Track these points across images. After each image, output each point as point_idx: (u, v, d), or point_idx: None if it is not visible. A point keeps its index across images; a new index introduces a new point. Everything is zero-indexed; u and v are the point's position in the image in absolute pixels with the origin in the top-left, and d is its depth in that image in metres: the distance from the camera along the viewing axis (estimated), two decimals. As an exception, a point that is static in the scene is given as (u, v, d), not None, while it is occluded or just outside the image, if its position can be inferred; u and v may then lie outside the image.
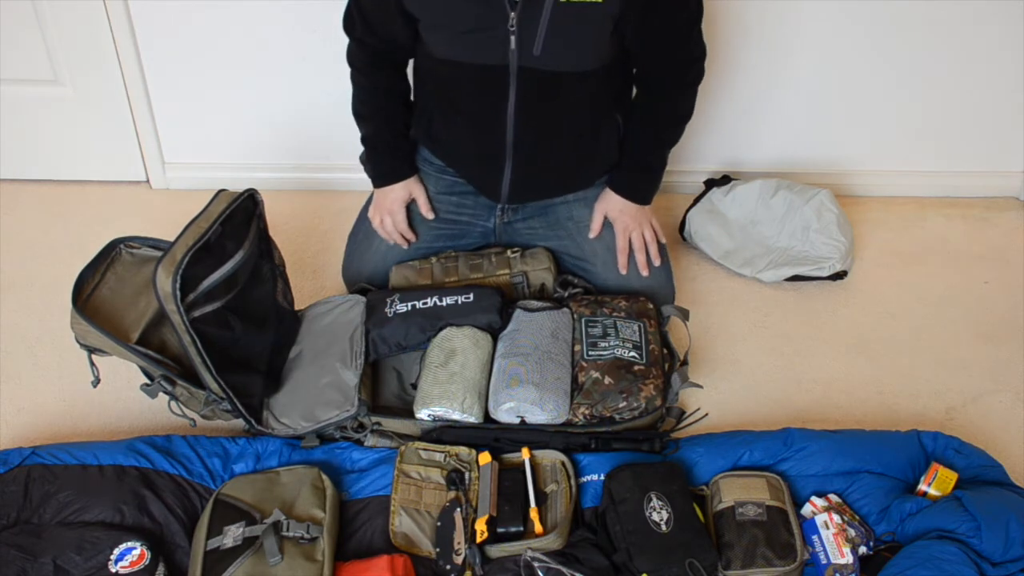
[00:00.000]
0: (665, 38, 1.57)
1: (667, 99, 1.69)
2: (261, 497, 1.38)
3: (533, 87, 1.55)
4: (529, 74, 1.53)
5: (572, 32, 1.48)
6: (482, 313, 1.63)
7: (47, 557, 1.30)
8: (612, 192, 1.76)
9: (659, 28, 1.54)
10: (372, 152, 1.76)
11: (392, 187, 1.76)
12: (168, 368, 1.46)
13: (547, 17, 1.46)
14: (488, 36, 1.49)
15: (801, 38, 2.02)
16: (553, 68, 1.52)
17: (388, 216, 1.77)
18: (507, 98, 1.57)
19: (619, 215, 1.75)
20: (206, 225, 1.41)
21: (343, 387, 1.57)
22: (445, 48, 1.56)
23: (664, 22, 1.53)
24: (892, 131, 2.20)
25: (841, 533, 1.37)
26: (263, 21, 1.95)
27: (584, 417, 1.53)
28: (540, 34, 1.47)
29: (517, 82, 1.54)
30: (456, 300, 1.64)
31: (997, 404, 1.75)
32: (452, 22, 1.50)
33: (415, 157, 1.80)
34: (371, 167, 1.78)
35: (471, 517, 1.40)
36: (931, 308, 1.97)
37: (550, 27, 1.47)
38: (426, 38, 1.57)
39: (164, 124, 2.13)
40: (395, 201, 1.77)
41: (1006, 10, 1.99)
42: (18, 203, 2.13)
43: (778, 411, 1.71)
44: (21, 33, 1.95)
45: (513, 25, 1.47)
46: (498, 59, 1.52)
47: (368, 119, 1.73)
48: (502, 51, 1.50)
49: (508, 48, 1.50)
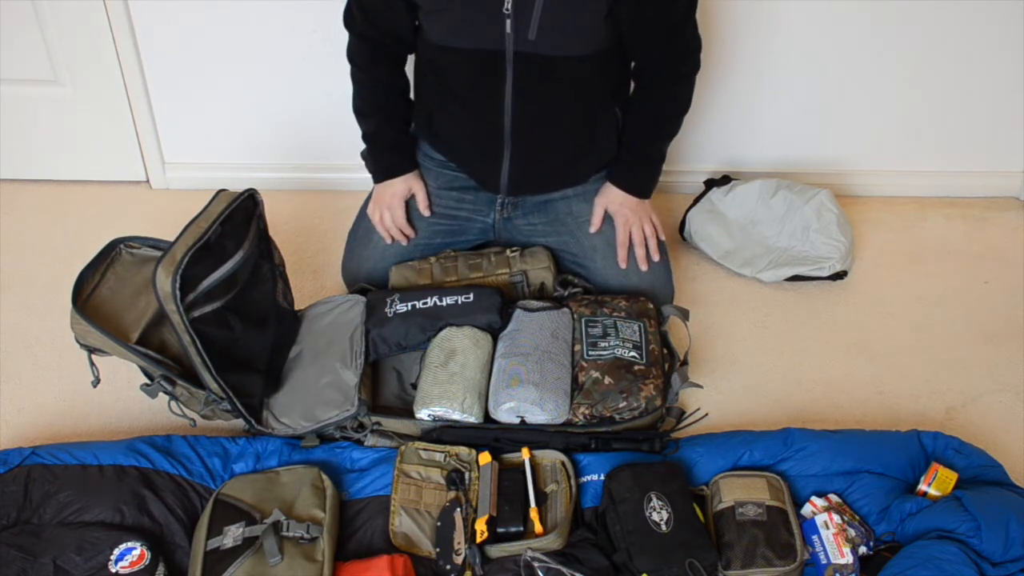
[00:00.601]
0: (660, 27, 1.58)
1: (664, 91, 1.71)
2: (261, 497, 1.38)
3: (529, 72, 1.56)
4: (525, 59, 1.54)
5: (566, 15, 1.50)
6: (482, 313, 1.63)
7: (47, 557, 1.30)
8: (612, 186, 1.77)
9: (653, 17, 1.55)
10: (373, 148, 1.77)
11: (392, 182, 1.77)
12: (168, 368, 1.46)
13: (542, 1, 1.47)
14: (484, 19, 1.51)
15: (801, 38, 2.02)
16: (548, 52, 1.54)
17: (387, 211, 1.77)
18: (504, 84, 1.58)
19: (619, 208, 1.76)
20: (206, 225, 1.41)
21: (343, 387, 1.57)
22: (443, 34, 1.57)
23: (658, 10, 1.55)
24: (892, 131, 2.20)
25: (841, 533, 1.37)
26: (263, 21, 1.95)
27: (584, 417, 1.53)
28: (535, 18, 1.49)
29: (514, 67, 1.56)
30: (456, 300, 1.64)
31: (997, 404, 1.75)
32: (451, 4, 1.52)
33: (415, 152, 1.81)
34: (371, 162, 1.79)
35: (471, 517, 1.40)
36: (931, 308, 1.97)
37: (544, 10, 1.48)
38: (425, 24, 1.59)
39: (164, 124, 2.13)
40: (394, 196, 1.77)
41: (1006, 10, 1.99)
42: (18, 203, 2.13)
43: (778, 411, 1.71)
44: (21, 33, 1.95)
45: (508, 8, 1.48)
46: (494, 44, 1.53)
47: (369, 115, 1.75)
48: (498, 35, 1.52)
49: (504, 32, 1.51)
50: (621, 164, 1.77)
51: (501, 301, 1.66)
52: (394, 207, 1.77)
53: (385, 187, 1.78)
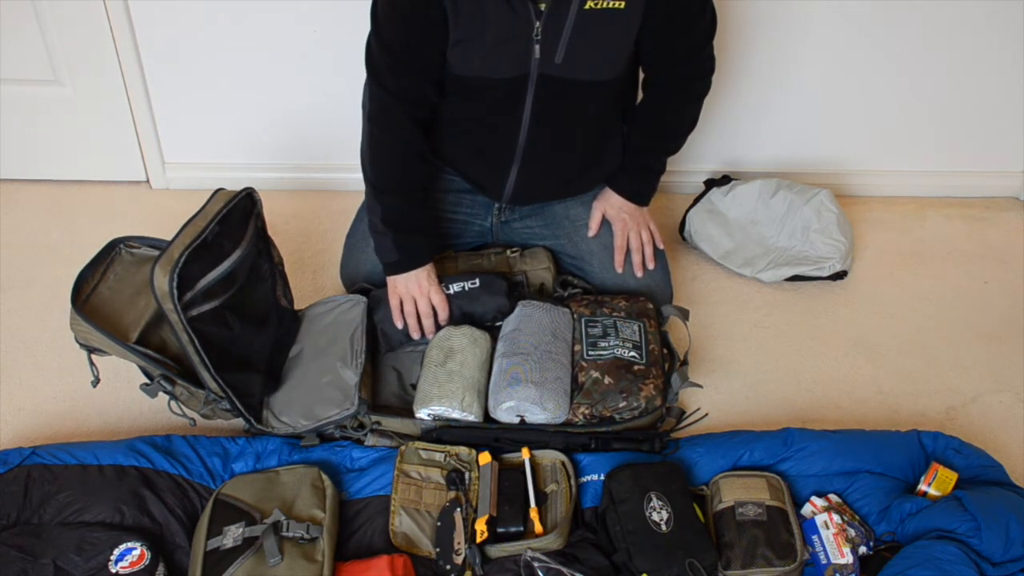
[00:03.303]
0: (680, 49, 1.58)
1: (675, 109, 1.71)
2: (261, 497, 1.38)
3: (549, 95, 1.55)
4: (548, 82, 1.52)
5: (595, 39, 1.48)
6: (490, 297, 1.61)
7: (47, 558, 1.30)
8: (611, 191, 1.77)
9: (675, 40, 1.55)
10: (395, 234, 1.60)
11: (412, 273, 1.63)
12: (167, 367, 1.46)
13: (571, 24, 1.45)
14: (514, 45, 1.48)
15: (801, 38, 2.02)
16: (572, 76, 1.52)
17: (422, 298, 1.60)
18: (524, 106, 1.56)
19: (617, 213, 1.76)
20: (203, 224, 1.41)
21: (343, 386, 1.57)
22: (471, 65, 1.52)
23: (681, 33, 1.55)
24: (892, 131, 2.20)
25: (841, 533, 1.37)
26: (263, 21, 1.95)
27: (584, 417, 1.53)
28: (563, 42, 1.47)
29: (535, 89, 1.54)
30: (463, 287, 1.62)
31: (997, 404, 1.75)
32: (481, 33, 1.46)
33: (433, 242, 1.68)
34: (393, 251, 1.62)
35: (471, 517, 1.40)
36: (931, 308, 1.97)
37: (573, 34, 1.46)
38: (451, 57, 1.51)
39: (164, 124, 2.12)
40: (427, 278, 1.61)
41: (1006, 10, 1.99)
42: (18, 203, 2.13)
43: (778, 411, 1.71)
44: (21, 33, 1.95)
45: (538, 34, 1.46)
46: (521, 69, 1.51)
47: (387, 192, 1.59)
48: (525, 61, 1.50)
49: (532, 57, 1.49)
50: (623, 172, 1.76)
51: (507, 284, 1.65)
52: (430, 288, 1.61)
53: (410, 275, 1.63)
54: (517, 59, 1.50)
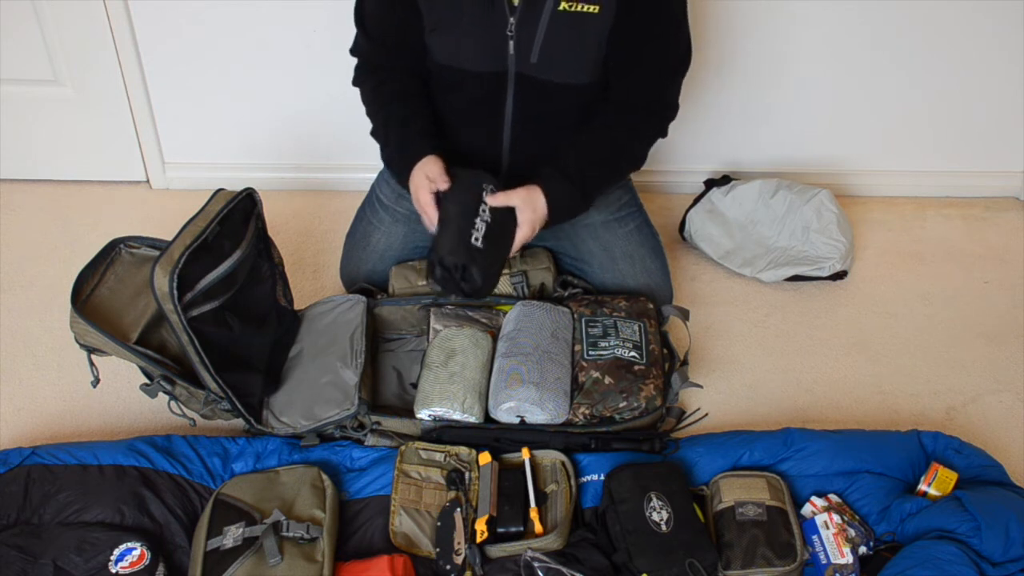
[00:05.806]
0: (647, 73, 1.57)
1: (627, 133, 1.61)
2: (261, 497, 1.38)
3: (530, 95, 1.56)
4: (526, 82, 1.54)
5: (569, 41, 1.50)
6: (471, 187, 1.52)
7: (47, 558, 1.30)
8: (541, 193, 1.54)
9: (642, 57, 1.53)
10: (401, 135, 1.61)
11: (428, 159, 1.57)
12: (167, 368, 1.46)
13: (545, 24, 1.47)
14: (489, 39, 1.50)
15: (801, 38, 2.02)
16: (548, 78, 1.53)
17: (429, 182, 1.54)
18: (505, 103, 1.58)
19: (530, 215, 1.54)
20: (204, 224, 1.41)
21: (343, 386, 1.57)
22: (448, 54, 1.55)
23: (650, 55, 1.53)
24: (892, 131, 2.20)
25: (841, 533, 1.37)
26: (264, 21, 1.95)
27: (584, 417, 1.53)
28: (538, 41, 1.49)
29: (515, 88, 1.55)
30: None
31: (997, 404, 1.75)
32: (457, 20, 1.50)
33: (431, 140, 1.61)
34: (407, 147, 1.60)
35: (471, 517, 1.40)
36: (931, 308, 1.97)
37: (548, 35, 1.48)
38: (430, 44, 1.56)
39: (164, 124, 2.12)
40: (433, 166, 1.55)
41: (1006, 10, 1.99)
42: (18, 203, 2.13)
43: (778, 411, 1.71)
44: (21, 33, 1.95)
45: (512, 30, 1.48)
46: (498, 65, 1.53)
47: (390, 103, 1.62)
48: (501, 56, 1.51)
49: (507, 53, 1.51)
50: (556, 176, 1.56)
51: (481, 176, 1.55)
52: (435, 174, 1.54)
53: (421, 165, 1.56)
54: (494, 54, 1.51)
